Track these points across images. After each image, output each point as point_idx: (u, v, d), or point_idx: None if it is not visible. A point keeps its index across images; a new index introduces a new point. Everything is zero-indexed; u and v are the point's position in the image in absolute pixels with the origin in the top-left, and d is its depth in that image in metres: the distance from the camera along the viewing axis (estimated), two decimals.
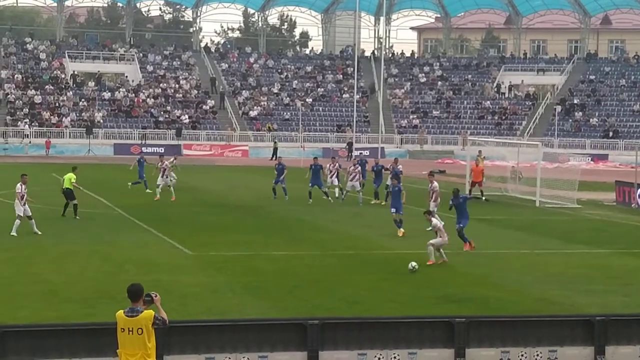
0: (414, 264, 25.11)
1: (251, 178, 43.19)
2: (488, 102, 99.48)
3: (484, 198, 46.47)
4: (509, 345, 15.41)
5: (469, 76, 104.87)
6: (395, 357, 15.03)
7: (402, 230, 32.72)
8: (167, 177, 44.07)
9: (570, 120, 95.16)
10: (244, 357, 14.64)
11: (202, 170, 53.50)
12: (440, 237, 26.84)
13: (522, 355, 15.38)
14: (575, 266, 27.44)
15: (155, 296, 12.98)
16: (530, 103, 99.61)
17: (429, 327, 15.54)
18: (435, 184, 34.48)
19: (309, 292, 22.30)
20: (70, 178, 37.50)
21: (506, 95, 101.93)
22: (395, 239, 31.97)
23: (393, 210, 33.56)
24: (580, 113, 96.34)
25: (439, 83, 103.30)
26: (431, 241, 26.81)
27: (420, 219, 37.38)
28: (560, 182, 47.78)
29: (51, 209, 38.08)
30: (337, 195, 45.21)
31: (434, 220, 27.31)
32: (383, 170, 45.58)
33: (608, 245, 32.15)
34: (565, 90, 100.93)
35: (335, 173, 45.64)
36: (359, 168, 44.63)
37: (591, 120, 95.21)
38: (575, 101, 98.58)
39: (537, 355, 15.41)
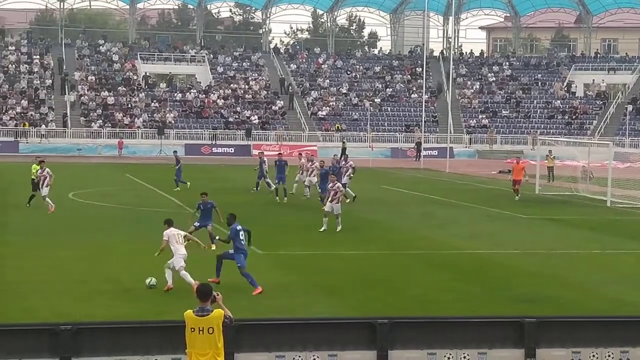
0: (152, 282, 22.01)
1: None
2: (558, 101, 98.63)
3: (517, 198, 45.81)
4: (580, 346, 15.26)
5: (539, 75, 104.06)
6: (465, 357, 14.99)
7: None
8: (47, 187, 37.53)
9: None
10: (314, 356, 14.68)
11: (271, 171, 53.56)
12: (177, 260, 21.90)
13: (593, 356, 15.23)
14: None
15: (218, 295, 13.07)
16: (600, 102, 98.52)
17: (499, 327, 15.47)
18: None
19: (379, 292, 22.35)
20: (32, 169, 38.79)
21: (576, 94, 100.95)
22: (465, 239, 31.84)
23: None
24: None
25: (509, 83, 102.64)
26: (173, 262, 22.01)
27: (487, 219, 37.17)
28: (631, 182, 47.25)
29: (124, 208, 38.60)
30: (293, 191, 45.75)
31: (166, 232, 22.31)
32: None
33: None
34: (637, 90, 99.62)
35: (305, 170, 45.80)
36: (316, 164, 44.82)
37: None
38: None
39: (609, 355, 15.26)
